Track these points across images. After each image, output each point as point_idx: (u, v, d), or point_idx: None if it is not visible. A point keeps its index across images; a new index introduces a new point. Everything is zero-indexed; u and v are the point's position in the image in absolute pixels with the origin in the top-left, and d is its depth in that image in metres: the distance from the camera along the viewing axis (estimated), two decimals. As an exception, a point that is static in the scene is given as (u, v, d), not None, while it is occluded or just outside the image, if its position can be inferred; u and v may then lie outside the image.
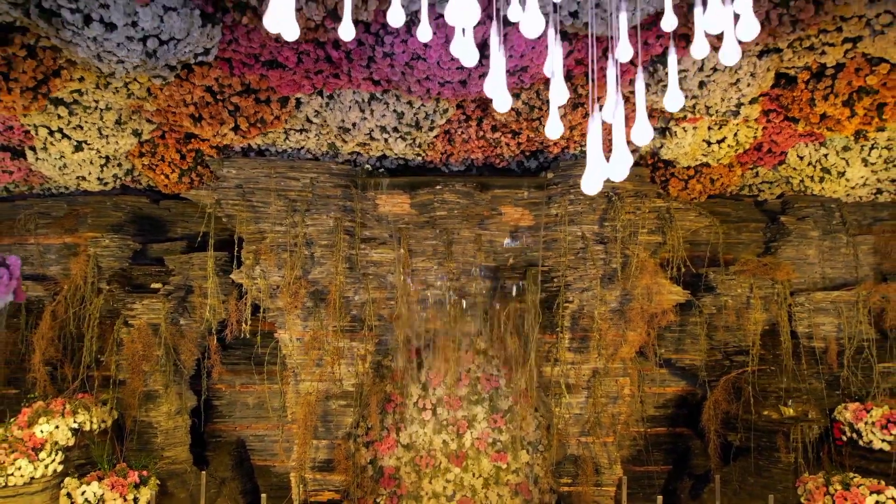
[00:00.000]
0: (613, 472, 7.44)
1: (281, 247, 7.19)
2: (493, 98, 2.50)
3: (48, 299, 7.73)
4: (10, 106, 5.55)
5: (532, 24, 2.37)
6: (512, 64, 5.09)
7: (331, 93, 6.08)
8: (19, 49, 5.18)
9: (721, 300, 7.62)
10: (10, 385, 7.91)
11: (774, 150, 7.38)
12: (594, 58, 4.29)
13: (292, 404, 7.43)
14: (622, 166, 2.39)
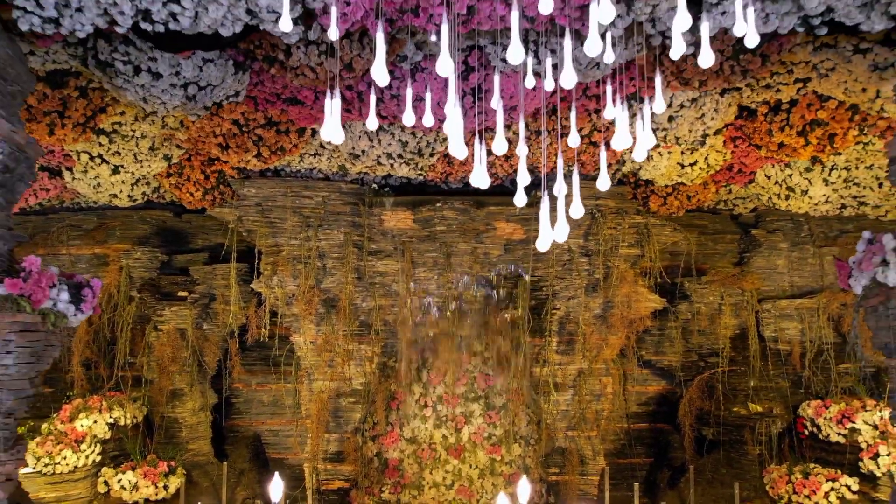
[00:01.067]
0: (597, 462, 8.25)
1: (296, 259, 8.00)
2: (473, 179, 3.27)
3: (83, 306, 8.54)
4: (61, 138, 6.35)
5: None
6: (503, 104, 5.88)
7: (343, 124, 6.88)
8: (73, 90, 5.99)
9: (695, 307, 8.44)
10: (46, 384, 8.73)
11: (744, 170, 8.18)
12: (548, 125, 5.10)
13: (306, 401, 8.24)
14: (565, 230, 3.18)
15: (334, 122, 2.88)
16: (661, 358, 8.77)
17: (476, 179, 3.24)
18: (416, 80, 5.71)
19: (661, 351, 8.77)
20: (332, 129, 2.86)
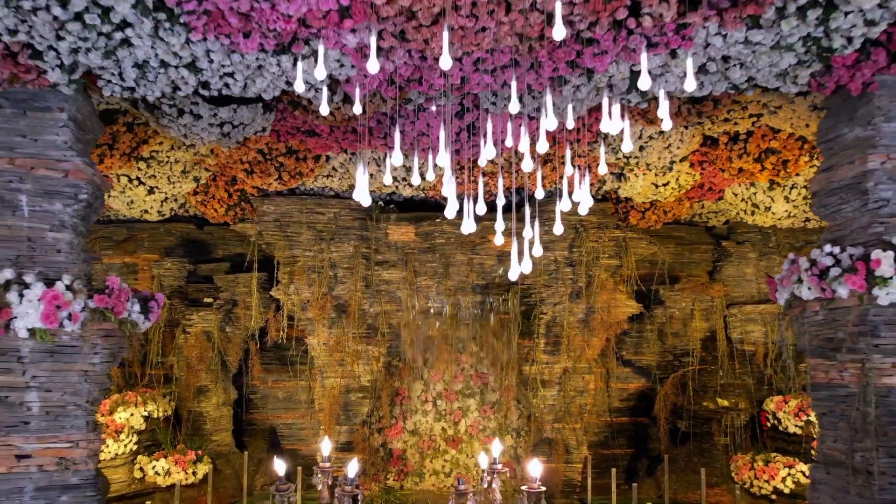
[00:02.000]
0: (581, 452, 9.24)
1: (310, 269, 8.99)
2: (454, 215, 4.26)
3: (116, 310, 9.54)
4: (108, 166, 7.33)
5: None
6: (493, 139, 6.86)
7: (354, 151, 7.87)
8: (121, 126, 6.97)
9: (669, 311, 9.44)
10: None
11: (714, 188, 9.15)
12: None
13: (319, 396, 9.23)
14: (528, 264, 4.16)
15: (363, 188, 3.86)
16: (640, 357, 9.77)
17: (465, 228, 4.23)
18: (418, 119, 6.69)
19: (639, 351, 9.77)
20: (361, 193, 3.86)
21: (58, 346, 4.63)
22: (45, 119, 4.86)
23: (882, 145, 4.93)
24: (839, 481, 5.07)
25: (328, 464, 4.45)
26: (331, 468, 4.44)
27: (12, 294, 4.45)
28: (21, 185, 4.79)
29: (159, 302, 5.19)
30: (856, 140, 5.12)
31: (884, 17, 4.02)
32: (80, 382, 4.74)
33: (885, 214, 4.90)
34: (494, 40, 4.17)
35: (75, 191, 4.92)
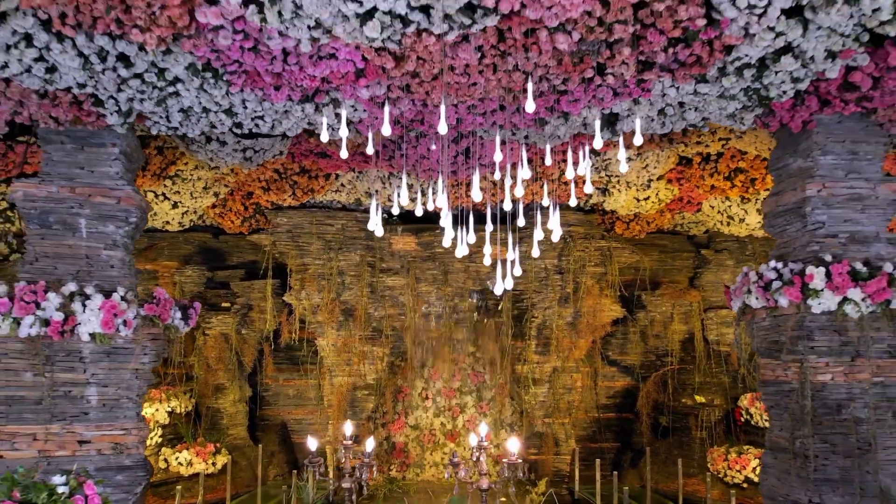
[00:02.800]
0: (569, 444, 10.09)
1: (320, 276, 9.84)
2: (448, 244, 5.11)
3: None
4: (140, 185, 8.17)
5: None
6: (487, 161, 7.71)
7: (361, 170, 8.71)
8: (153, 149, 7.81)
9: (651, 315, 10.29)
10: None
11: (692, 201, 9.99)
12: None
13: (328, 393, 10.08)
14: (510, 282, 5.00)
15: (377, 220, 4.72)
16: (625, 358, 10.62)
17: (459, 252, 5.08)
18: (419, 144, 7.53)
19: (624, 352, 10.62)
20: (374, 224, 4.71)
21: (113, 348, 5.48)
22: (100, 153, 5.71)
23: (818, 175, 5.78)
24: (783, 465, 5.92)
25: (350, 441, 5.27)
26: (352, 444, 5.26)
27: (76, 304, 5.29)
28: (80, 210, 5.64)
29: (196, 309, 6.04)
30: (798, 170, 5.97)
31: (807, 75, 4.85)
32: (131, 379, 5.59)
33: (820, 235, 5.75)
34: (484, 91, 5.01)
35: (126, 214, 5.77)
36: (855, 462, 5.52)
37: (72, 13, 4.06)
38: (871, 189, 5.76)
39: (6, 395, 5.37)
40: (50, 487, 3.55)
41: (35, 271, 5.54)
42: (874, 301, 5.36)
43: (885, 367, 5.59)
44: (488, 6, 3.87)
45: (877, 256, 5.66)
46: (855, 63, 4.72)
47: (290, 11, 3.88)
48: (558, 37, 4.18)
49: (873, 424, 5.54)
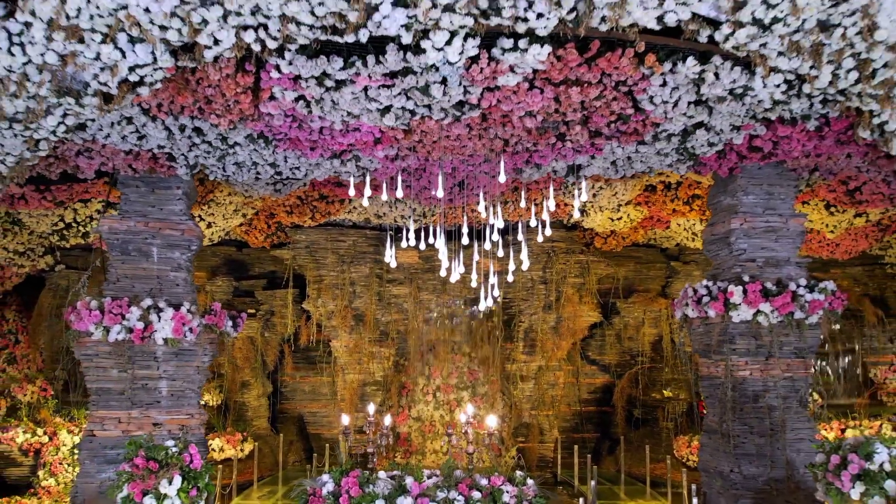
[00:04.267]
0: (552, 433, 11.65)
1: (334, 286, 11.40)
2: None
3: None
4: (183, 209, 9.69)
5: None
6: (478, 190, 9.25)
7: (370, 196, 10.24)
8: (196, 180, 9.35)
9: (625, 320, 11.85)
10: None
11: (661, 220, 11.53)
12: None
13: (341, 389, 11.64)
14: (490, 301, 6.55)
15: (391, 254, 6.26)
16: (603, 357, 12.19)
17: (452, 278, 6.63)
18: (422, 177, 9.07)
19: (602, 352, 12.19)
20: (390, 257, 6.26)
21: (181, 350, 7.03)
22: (168, 195, 7.28)
23: (741, 212, 7.33)
24: (715, 443, 7.47)
25: (372, 417, 6.81)
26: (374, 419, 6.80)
27: (153, 315, 6.85)
28: (153, 240, 7.19)
29: (243, 319, 7.60)
30: (727, 206, 7.52)
31: (720, 140, 6.40)
32: (194, 374, 7.15)
33: (742, 260, 7.30)
34: (473, 150, 6.57)
35: (188, 243, 7.33)
36: (768, 440, 7.06)
37: (167, 104, 5.62)
38: (784, 223, 7.31)
39: (97, 387, 6.93)
40: (165, 448, 5.10)
41: (118, 289, 7.09)
42: (781, 313, 6.91)
43: (793, 365, 7.15)
44: (473, 103, 5.43)
45: (787, 277, 7.21)
46: (755, 132, 6.27)
47: (329, 106, 5.44)
48: (526, 119, 5.74)
49: (783, 411, 7.09)
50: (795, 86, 5.38)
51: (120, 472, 5.15)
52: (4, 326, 13.15)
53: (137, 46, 4.70)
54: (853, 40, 4.78)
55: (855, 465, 5.16)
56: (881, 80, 5.12)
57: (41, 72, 4.98)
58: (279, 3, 4.31)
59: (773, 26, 4.60)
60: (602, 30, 4.59)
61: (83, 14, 4.50)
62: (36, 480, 9.34)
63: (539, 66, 4.95)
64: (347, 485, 5.28)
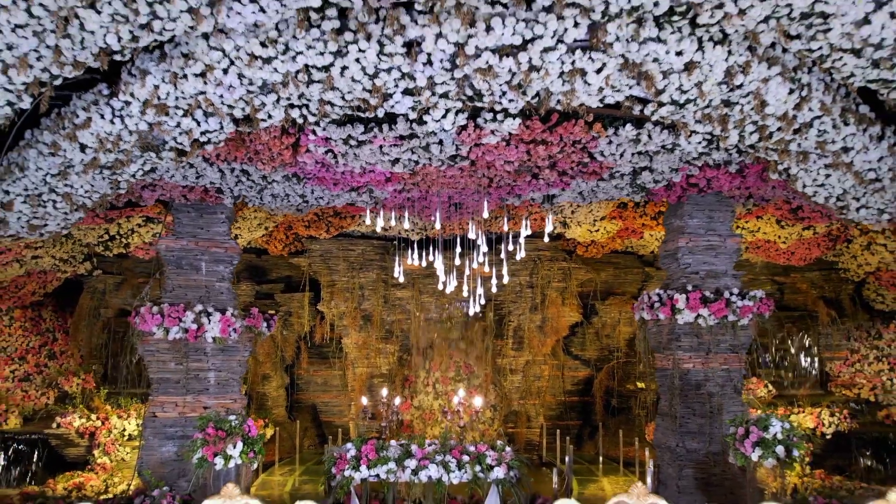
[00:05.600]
0: (538, 420, 13.33)
1: (345, 289, 13.06)
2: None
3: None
4: (216, 225, 11.35)
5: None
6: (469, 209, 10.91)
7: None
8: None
9: (603, 319, 13.52)
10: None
11: (635, 231, 13.19)
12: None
13: (351, 381, 13.32)
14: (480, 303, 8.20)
15: (399, 269, 7.91)
16: (584, 353, 13.87)
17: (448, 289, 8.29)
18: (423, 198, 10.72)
19: (584, 348, 13.87)
20: (397, 272, 7.92)
21: (226, 347, 8.70)
22: (213, 218, 8.94)
23: (687, 233, 9.00)
24: (666, 423, 9.15)
25: (385, 398, 8.48)
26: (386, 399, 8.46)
27: (203, 318, 8.51)
28: (202, 257, 8.86)
29: (274, 320, 9.28)
30: (676, 227, 9.19)
31: (664, 178, 8.06)
32: (236, 367, 8.83)
33: (687, 272, 8.97)
34: (465, 185, 8.23)
35: (230, 259, 9.01)
36: (707, 421, 8.73)
37: (224, 155, 7.28)
38: (722, 242, 8.98)
39: (159, 377, 8.61)
40: (229, 421, 6.78)
41: (173, 297, 8.76)
42: (717, 316, 8.58)
43: (728, 359, 8.82)
44: (463, 155, 7.10)
45: (724, 286, 8.88)
46: (690, 172, 7.94)
47: (351, 158, 7.11)
48: (505, 165, 7.41)
49: (720, 396, 8.77)
50: (713, 142, 7.05)
51: (194, 441, 6.82)
52: (43, 325, 14.82)
53: (209, 119, 6.37)
54: (749, 113, 6.43)
55: (755, 435, 6.85)
56: (777, 140, 6.78)
57: (131, 134, 6.64)
58: (319, 92, 5.97)
59: (686, 105, 6.27)
60: (558, 108, 6.26)
61: (171, 97, 6.15)
62: (92, 458, 11.01)
63: (513, 131, 6.62)
64: (366, 450, 6.96)
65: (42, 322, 14.86)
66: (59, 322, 15.05)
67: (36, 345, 14.44)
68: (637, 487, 5.81)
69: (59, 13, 5.29)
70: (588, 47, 5.58)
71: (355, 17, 5.34)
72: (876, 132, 6.96)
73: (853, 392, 13.06)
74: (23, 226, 7.85)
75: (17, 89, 5.96)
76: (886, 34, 5.56)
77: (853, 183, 7.43)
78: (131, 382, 13.85)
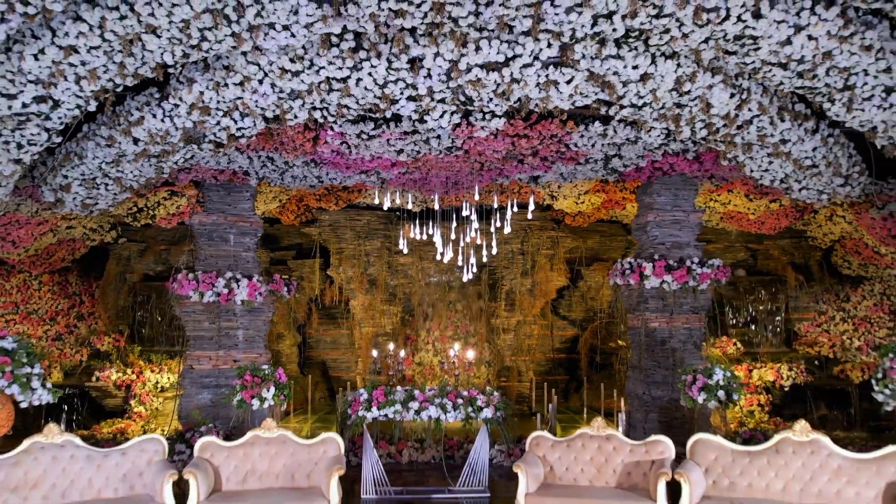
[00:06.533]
0: (528, 375, 14.86)
1: (352, 256, 14.48)
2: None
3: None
4: (236, 198, 12.73)
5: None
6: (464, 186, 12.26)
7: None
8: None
9: (587, 283, 14.98)
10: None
11: (618, 203, 14.56)
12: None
13: (358, 339, 14.81)
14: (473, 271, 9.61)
15: (404, 241, 9.29)
16: (571, 314, 15.35)
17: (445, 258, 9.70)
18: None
19: (571, 310, 15.34)
20: (402, 245, 9.30)
21: (253, 308, 10.14)
22: (240, 196, 10.31)
23: (655, 209, 10.37)
24: (636, 375, 10.64)
25: (392, 350, 9.95)
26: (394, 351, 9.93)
27: (233, 283, 9.94)
28: (230, 230, 10.26)
29: (293, 285, 10.71)
30: (647, 203, 10.57)
31: (633, 163, 9.41)
32: (261, 325, 10.29)
33: (655, 243, 10.38)
34: (460, 168, 9.58)
35: (255, 231, 10.41)
36: (671, 372, 10.21)
37: (253, 145, 8.63)
38: (686, 216, 10.37)
39: (195, 335, 10.07)
40: (263, 370, 8.26)
41: (206, 265, 10.18)
42: (679, 282, 10.01)
43: (690, 319, 10.27)
44: (458, 146, 8.45)
45: (687, 255, 10.28)
46: (655, 158, 9.29)
47: (363, 148, 8.46)
48: (494, 154, 8.76)
49: (682, 351, 10.23)
50: (670, 135, 8.39)
51: (234, 386, 8.30)
52: (69, 289, 16.23)
53: (244, 118, 7.71)
54: (698, 113, 7.77)
55: (700, 382, 8.32)
56: (723, 134, 8.11)
57: (178, 130, 7.98)
58: (337, 98, 7.29)
59: (643, 107, 7.59)
60: (537, 110, 7.60)
61: (213, 101, 7.47)
62: (129, 407, 12.55)
63: (500, 128, 7.96)
64: (377, 394, 8.45)
65: (69, 286, 16.22)
66: (84, 286, 16.42)
67: (65, 307, 15.84)
68: (597, 421, 7.29)
69: (126, 37, 6.58)
70: (559, 63, 6.89)
71: (368, 38, 6.65)
72: (811, 126, 8.29)
73: (815, 350, 14.54)
74: (77, 205, 9.21)
75: (86, 96, 7.27)
76: (806, 52, 6.85)
77: (793, 169, 8.79)
78: (155, 341, 15.34)
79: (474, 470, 8.49)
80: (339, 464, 6.76)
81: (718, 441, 6.92)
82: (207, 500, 6.56)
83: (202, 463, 6.80)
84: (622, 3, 6.13)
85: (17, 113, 7.32)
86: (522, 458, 7.09)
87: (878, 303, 15.13)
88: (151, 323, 15.22)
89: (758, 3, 6.29)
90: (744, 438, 9.36)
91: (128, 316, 15.66)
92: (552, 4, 6.10)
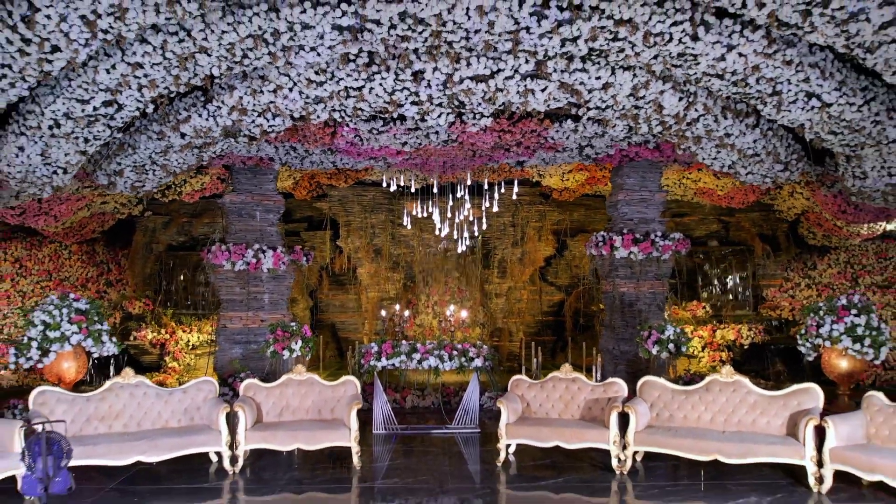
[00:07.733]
0: (519, 336, 16.72)
1: (359, 228, 16.25)
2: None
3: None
4: (256, 177, 14.46)
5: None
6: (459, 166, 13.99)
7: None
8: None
9: (572, 252, 16.78)
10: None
11: (601, 180, 16.27)
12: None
13: (364, 303, 16.64)
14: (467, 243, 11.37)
15: (407, 218, 11.04)
16: (558, 280, 17.17)
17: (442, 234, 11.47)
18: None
19: (558, 276, 17.16)
20: (405, 221, 11.05)
21: (277, 276, 11.93)
22: (265, 178, 12.05)
23: (625, 189, 12.11)
24: (609, 333, 12.48)
25: (397, 310, 11.76)
26: (399, 311, 11.75)
27: (260, 254, 11.71)
28: (257, 208, 12.01)
29: (311, 256, 12.50)
30: (618, 184, 12.31)
31: (603, 152, 11.13)
32: (284, 290, 12.09)
33: (624, 219, 12.13)
34: (455, 154, 11.31)
35: (278, 208, 12.18)
36: (637, 330, 12.01)
37: (280, 137, 10.35)
38: (651, 196, 12.11)
39: (227, 298, 11.89)
40: (291, 326, 10.07)
41: (236, 238, 11.95)
42: (644, 252, 11.78)
43: (654, 285, 12.07)
44: (453, 139, 10.17)
45: (652, 230, 12.04)
46: (622, 147, 11.00)
47: (373, 141, 10.18)
48: (484, 145, 10.48)
49: (647, 312, 12.04)
50: (632, 130, 10.11)
51: (267, 340, 10.13)
52: (97, 258, 17.98)
53: (276, 118, 9.41)
54: (652, 114, 9.46)
55: (654, 336, 10.13)
56: (675, 129, 9.82)
57: (219, 127, 9.68)
58: (353, 103, 8.99)
59: (606, 109, 9.30)
60: (518, 111, 9.30)
61: (249, 104, 9.17)
62: (164, 363, 14.41)
63: (488, 125, 9.68)
64: (385, 347, 10.27)
65: (96, 255, 17.97)
66: (110, 255, 18.17)
67: (94, 275, 17.61)
68: (565, 367, 9.11)
69: (182, 56, 8.26)
70: (536, 76, 8.59)
71: (380, 56, 8.34)
72: (751, 122, 9.99)
73: (776, 313, 16.37)
74: (127, 187, 10.95)
75: (145, 100, 8.96)
76: (737, 66, 8.52)
77: (738, 157, 10.51)
78: (179, 305, 17.15)
79: (467, 410, 10.33)
80: (357, 400, 8.58)
81: (661, 382, 8.73)
82: (252, 428, 8.37)
83: (247, 399, 8.63)
84: (584, 30, 7.80)
85: (88, 114, 9.01)
86: (504, 396, 8.91)
87: (843, 270, 16.95)
88: (176, 288, 17.03)
89: (695, 28, 7.94)
90: (685, 381, 11.21)
91: (154, 282, 17.45)
92: (528, 32, 7.77)
